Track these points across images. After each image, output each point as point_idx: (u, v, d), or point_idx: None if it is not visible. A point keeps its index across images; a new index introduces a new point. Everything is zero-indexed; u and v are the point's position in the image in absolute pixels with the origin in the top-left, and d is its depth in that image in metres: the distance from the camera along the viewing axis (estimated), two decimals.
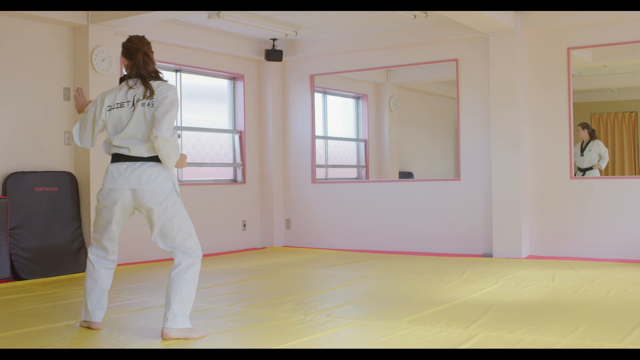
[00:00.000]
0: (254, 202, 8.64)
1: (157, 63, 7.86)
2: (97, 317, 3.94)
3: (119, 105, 3.83)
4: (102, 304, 3.94)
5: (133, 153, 3.78)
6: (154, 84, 3.81)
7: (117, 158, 3.84)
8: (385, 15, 7.32)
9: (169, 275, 3.74)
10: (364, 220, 8.22)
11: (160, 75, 3.91)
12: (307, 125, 8.62)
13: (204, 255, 7.77)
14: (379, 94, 9.33)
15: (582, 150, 7.84)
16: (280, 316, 4.21)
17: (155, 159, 3.77)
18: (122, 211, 3.83)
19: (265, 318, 4.17)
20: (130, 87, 3.82)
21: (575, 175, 7.24)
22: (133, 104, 3.79)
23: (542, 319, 3.99)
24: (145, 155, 3.77)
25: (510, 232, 7.14)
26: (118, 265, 6.93)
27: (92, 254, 3.94)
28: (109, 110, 3.87)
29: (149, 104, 3.75)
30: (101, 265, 3.94)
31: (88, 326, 3.95)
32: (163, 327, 3.67)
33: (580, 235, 7.08)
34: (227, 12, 6.99)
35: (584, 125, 8.04)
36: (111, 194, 3.80)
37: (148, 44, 3.92)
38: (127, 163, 3.79)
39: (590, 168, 7.84)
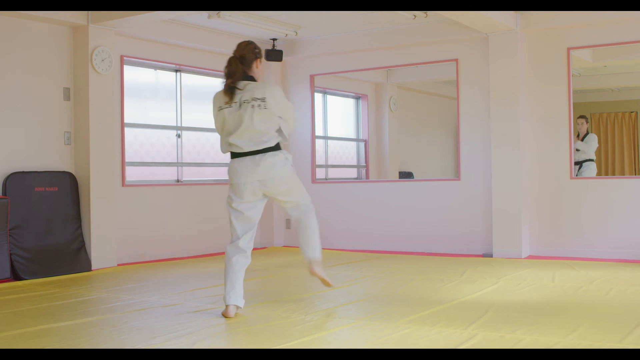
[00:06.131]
0: None
1: (157, 63, 7.92)
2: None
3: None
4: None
5: None
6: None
7: None
8: (385, 15, 7.32)
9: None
10: (364, 220, 8.22)
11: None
12: (307, 125, 8.62)
13: (204, 256, 7.79)
14: (379, 94, 9.33)
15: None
16: (280, 316, 4.21)
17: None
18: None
19: (265, 318, 4.17)
20: None
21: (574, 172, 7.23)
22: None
23: (542, 319, 3.99)
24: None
25: (510, 232, 7.14)
26: (118, 265, 6.95)
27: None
28: None
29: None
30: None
31: None
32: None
33: (580, 235, 7.08)
34: (227, 12, 6.99)
35: (585, 118, 7.98)
36: None
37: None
38: None
39: (586, 160, 7.76)
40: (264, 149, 4.18)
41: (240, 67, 4.18)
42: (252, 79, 4.24)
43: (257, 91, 4.15)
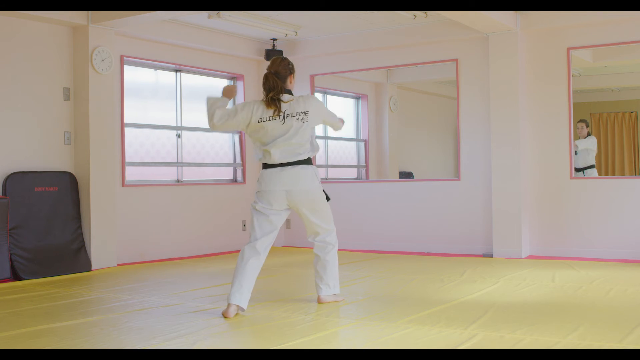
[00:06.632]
0: None
1: (157, 63, 7.91)
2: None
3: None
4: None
5: None
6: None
7: None
8: (385, 15, 7.32)
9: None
10: (364, 220, 8.22)
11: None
12: None
13: (203, 256, 7.79)
14: (379, 94, 9.33)
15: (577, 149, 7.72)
16: (280, 316, 4.21)
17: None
18: None
19: (265, 318, 4.17)
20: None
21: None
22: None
23: (542, 319, 3.99)
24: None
25: (510, 232, 7.14)
26: (118, 265, 6.95)
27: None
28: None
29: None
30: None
31: None
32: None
33: (580, 235, 7.08)
34: (227, 12, 6.99)
35: (586, 122, 7.93)
36: None
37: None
38: None
39: (588, 168, 7.74)
40: (296, 161, 4.35)
41: (278, 81, 4.37)
42: (290, 92, 4.45)
43: (299, 105, 4.38)
